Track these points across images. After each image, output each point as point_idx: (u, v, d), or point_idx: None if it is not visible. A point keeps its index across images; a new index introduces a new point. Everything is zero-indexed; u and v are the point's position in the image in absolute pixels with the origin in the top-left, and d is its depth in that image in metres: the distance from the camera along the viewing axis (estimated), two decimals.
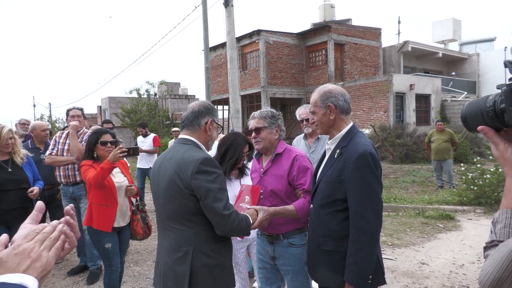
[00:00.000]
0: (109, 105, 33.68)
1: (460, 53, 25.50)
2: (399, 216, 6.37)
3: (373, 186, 1.69)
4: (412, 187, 8.88)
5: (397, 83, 16.34)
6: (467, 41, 29.43)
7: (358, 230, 1.69)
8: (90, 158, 3.03)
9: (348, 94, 1.93)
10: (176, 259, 1.78)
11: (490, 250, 0.84)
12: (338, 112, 1.85)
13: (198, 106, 1.91)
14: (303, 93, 20.52)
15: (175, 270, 1.78)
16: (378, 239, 1.73)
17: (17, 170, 3.32)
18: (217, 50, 21.98)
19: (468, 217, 6.24)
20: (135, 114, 20.78)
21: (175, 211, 1.78)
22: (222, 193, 1.72)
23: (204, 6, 11.60)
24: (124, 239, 3.15)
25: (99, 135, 3.05)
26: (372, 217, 1.68)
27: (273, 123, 2.27)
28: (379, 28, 21.43)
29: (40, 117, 38.50)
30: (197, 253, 1.76)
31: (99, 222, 2.93)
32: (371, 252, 1.69)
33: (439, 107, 18.07)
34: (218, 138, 2.46)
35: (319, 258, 1.86)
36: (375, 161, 1.71)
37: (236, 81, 10.63)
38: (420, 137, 13.90)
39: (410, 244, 4.93)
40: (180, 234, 1.79)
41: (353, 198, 1.71)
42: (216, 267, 1.79)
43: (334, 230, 1.79)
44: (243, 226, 1.79)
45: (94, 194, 2.96)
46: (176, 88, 32.84)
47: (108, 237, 2.95)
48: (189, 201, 1.72)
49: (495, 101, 0.85)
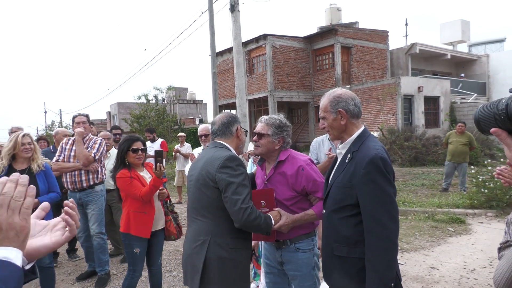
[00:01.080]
0: (118, 111, 34.04)
1: (469, 54, 25.22)
2: (408, 219, 6.29)
3: (385, 190, 1.66)
4: (421, 190, 8.78)
5: (405, 86, 16.22)
6: (476, 42, 29.11)
7: (375, 235, 1.64)
8: (123, 166, 3.04)
9: (358, 98, 1.90)
10: (194, 247, 1.96)
11: (505, 251, 0.83)
12: (349, 117, 1.83)
13: (226, 118, 2.19)
14: (310, 96, 20.48)
15: (192, 259, 1.95)
16: (396, 244, 1.68)
17: (30, 179, 3.30)
18: (224, 55, 22.10)
19: (479, 220, 6.13)
20: (144, 120, 20.96)
21: (200, 203, 1.99)
22: (242, 189, 1.88)
23: (211, 12, 11.69)
24: (158, 242, 3.18)
25: (131, 143, 3.06)
26: (388, 221, 1.64)
27: (277, 133, 2.20)
28: (386, 31, 21.34)
29: (51, 123, 39.04)
30: (213, 244, 1.91)
31: (137, 229, 2.97)
32: (391, 257, 1.64)
33: (448, 109, 17.86)
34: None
35: (333, 264, 1.83)
36: (386, 166, 1.68)
37: (243, 85, 10.66)
38: (429, 139, 13.75)
39: (419, 248, 4.87)
40: (201, 225, 1.98)
41: (366, 203, 1.68)
42: (230, 262, 1.92)
43: (346, 235, 1.75)
44: (261, 222, 1.90)
45: (132, 202, 3.00)
46: (184, 93, 33.07)
47: (138, 242, 2.99)
48: (213, 193, 1.92)
49: (508, 104, 0.87)
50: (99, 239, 4.03)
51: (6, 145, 3.22)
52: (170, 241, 3.53)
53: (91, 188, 4.05)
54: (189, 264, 1.98)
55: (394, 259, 1.67)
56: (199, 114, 32.47)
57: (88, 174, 4.02)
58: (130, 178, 2.97)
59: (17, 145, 3.19)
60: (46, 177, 3.36)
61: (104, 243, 4.08)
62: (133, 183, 2.96)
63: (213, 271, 1.89)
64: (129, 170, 3.02)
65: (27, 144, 3.23)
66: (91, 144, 4.06)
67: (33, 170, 3.25)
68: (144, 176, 3.12)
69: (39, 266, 3.29)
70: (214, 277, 1.89)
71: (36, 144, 3.39)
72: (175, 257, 4.82)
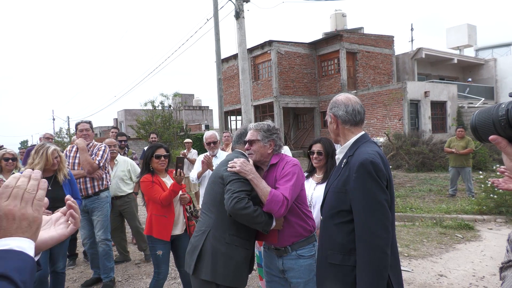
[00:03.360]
0: (125, 117, 34.31)
1: (476, 59, 25.04)
2: (415, 226, 6.21)
3: (376, 196, 1.61)
4: (428, 196, 8.66)
5: (411, 91, 16.13)
6: (483, 46, 28.93)
7: (366, 244, 1.61)
8: (147, 172, 3.24)
9: (355, 106, 1.85)
10: (194, 236, 2.18)
11: (508, 271, 0.80)
12: (340, 122, 1.84)
13: (240, 130, 2.53)
14: (316, 102, 20.45)
15: (192, 246, 2.15)
16: (387, 253, 1.62)
17: (56, 188, 3.28)
18: (229, 61, 22.21)
19: (489, 226, 6.03)
20: (150, 126, 21.06)
21: (209, 198, 2.20)
22: (240, 184, 2.03)
23: (216, 19, 11.78)
24: (181, 246, 3.26)
25: (154, 149, 3.26)
26: (379, 230, 1.60)
27: (266, 137, 2.24)
28: (392, 36, 21.28)
29: (59, 130, 39.47)
30: (211, 236, 2.08)
31: (158, 231, 3.14)
32: (381, 267, 1.59)
33: (455, 114, 17.72)
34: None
35: (326, 272, 1.81)
36: (378, 170, 1.64)
37: (248, 91, 10.69)
38: (436, 144, 13.60)
39: (427, 255, 4.79)
40: (206, 218, 2.18)
41: (357, 209, 1.65)
42: (223, 256, 2.04)
43: (341, 242, 1.72)
44: (254, 214, 1.95)
45: (154, 206, 3.18)
46: (190, 99, 33.24)
47: (161, 244, 3.15)
48: (219, 189, 2.12)
49: (508, 110, 0.81)
50: (105, 245, 4.03)
51: (37, 162, 3.24)
52: None
53: (97, 194, 4.07)
54: (190, 251, 2.17)
55: (385, 269, 1.60)
56: (205, 120, 32.59)
57: (93, 181, 4.04)
58: (152, 182, 3.15)
59: (49, 162, 3.28)
60: (71, 185, 3.46)
61: (110, 249, 4.08)
62: (154, 187, 3.13)
63: (206, 261, 2.05)
64: (152, 175, 3.21)
65: (54, 159, 3.31)
66: (95, 151, 4.08)
67: (59, 180, 3.33)
68: (166, 182, 3.28)
69: (53, 271, 3.41)
70: (207, 267, 2.04)
71: (62, 155, 3.44)
72: None
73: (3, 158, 4.52)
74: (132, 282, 4.24)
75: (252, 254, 2.24)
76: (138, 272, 4.56)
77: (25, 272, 0.65)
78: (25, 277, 0.64)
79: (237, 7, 10.26)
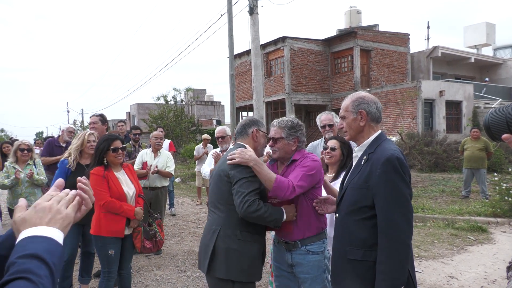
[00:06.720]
0: (137, 111, 34.67)
1: (494, 58, 24.46)
2: (426, 226, 6.14)
3: (401, 191, 1.65)
4: (441, 196, 8.54)
5: (426, 90, 15.86)
6: (502, 45, 28.24)
7: (388, 237, 1.63)
8: (99, 165, 2.99)
9: (380, 103, 1.91)
10: (205, 235, 2.17)
11: None
12: (369, 119, 1.84)
13: (245, 120, 2.38)
14: (328, 99, 20.31)
15: (205, 246, 2.13)
16: (410, 246, 1.67)
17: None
18: (242, 57, 22.19)
19: (502, 229, 5.92)
20: (162, 120, 21.25)
21: (216, 196, 2.17)
22: (249, 184, 2.00)
23: (230, 14, 11.77)
24: (128, 246, 3.13)
25: (110, 142, 3.01)
26: (403, 223, 1.63)
27: (291, 135, 2.23)
28: (407, 34, 20.95)
29: (73, 122, 40.38)
30: (222, 234, 2.07)
31: (109, 229, 2.93)
32: (403, 260, 1.63)
33: (471, 114, 17.36)
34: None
35: (345, 268, 1.80)
36: (403, 166, 1.68)
37: (260, 87, 10.68)
38: (450, 145, 13.38)
39: (438, 256, 4.74)
40: (215, 216, 2.16)
41: (381, 203, 1.67)
42: (236, 252, 2.04)
43: (362, 238, 1.74)
44: (265, 215, 1.98)
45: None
46: (202, 94, 33.39)
47: (113, 243, 2.95)
48: (226, 187, 2.08)
49: None
50: None
51: (75, 142, 3.53)
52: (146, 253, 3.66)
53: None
54: (202, 251, 2.17)
55: (407, 262, 1.65)
56: (216, 115, 32.71)
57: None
58: (103, 177, 2.92)
59: (84, 142, 3.47)
60: None
61: None
62: (104, 185, 2.90)
63: (220, 259, 2.05)
64: (105, 169, 2.98)
65: (92, 141, 3.48)
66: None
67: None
68: (119, 177, 3.06)
69: (88, 252, 3.68)
70: (221, 265, 2.04)
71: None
72: (189, 257, 4.86)
73: (19, 148, 4.64)
74: (142, 274, 4.30)
75: (264, 246, 2.26)
76: (148, 264, 4.63)
77: (54, 256, 0.75)
78: (54, 259, 0.74)
79: (251, 3, 10.22)
